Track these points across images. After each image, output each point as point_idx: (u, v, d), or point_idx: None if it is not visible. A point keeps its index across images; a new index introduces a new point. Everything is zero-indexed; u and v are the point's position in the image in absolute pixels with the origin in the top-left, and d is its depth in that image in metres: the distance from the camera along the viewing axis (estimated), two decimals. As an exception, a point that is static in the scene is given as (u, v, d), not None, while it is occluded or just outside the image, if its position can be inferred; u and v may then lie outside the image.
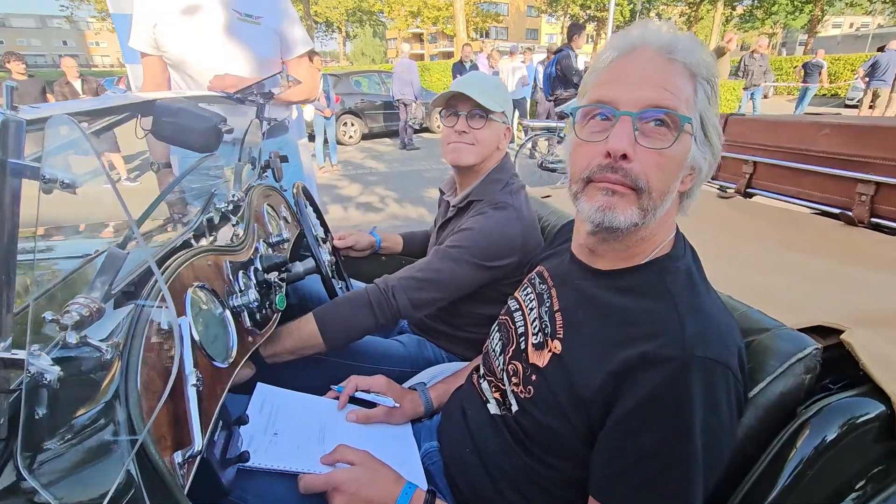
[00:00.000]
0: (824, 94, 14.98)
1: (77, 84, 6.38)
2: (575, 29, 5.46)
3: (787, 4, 28.23)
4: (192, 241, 0.94)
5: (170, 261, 0.76)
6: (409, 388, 1.14)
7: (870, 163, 1.26)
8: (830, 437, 0.66)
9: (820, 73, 10.78)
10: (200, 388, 0.64)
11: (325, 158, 7.59)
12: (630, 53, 0.68)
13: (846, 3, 27.58)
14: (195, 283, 0.79)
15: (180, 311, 0.71)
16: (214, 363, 0.75)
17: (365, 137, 10.32)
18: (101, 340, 0.58)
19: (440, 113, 1.30)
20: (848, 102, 13.49)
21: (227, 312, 0.86)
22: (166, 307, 0.66)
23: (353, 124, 9.98)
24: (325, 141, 7.55)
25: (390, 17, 35.66)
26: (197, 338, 0.73)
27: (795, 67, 13.87)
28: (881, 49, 9.19)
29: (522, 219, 1.23)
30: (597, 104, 0.69)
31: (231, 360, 0.81)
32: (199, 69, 1.78)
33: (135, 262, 0.82)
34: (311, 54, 6.86)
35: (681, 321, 0.65)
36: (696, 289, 0.70)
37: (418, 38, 52.48)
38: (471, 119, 1.21)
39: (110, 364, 0.57)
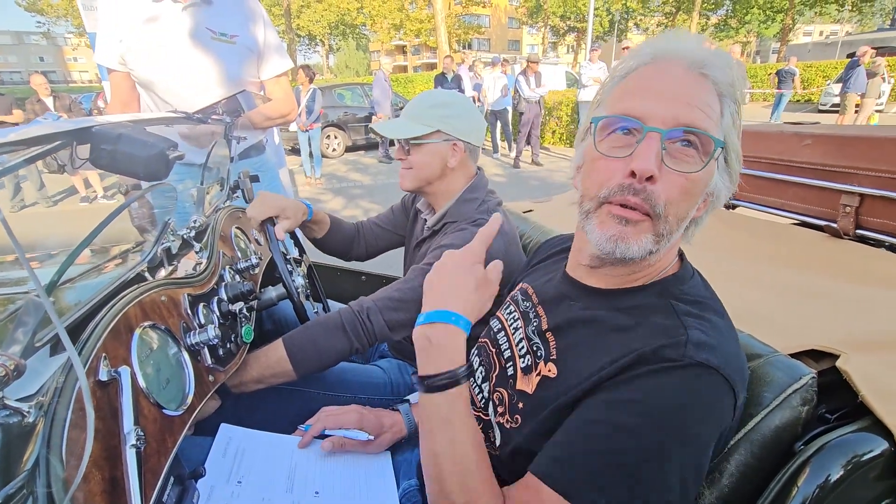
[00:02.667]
0: (798, 101, 15.37)
1: (49, 101, 6.22)
2: None
3: (759, 14, 29.11)
4: (147, 275, 0.88)
5: (114, 300, 0.69)
6: (392, 408, 1.07)
7: (853, 174, 1.24)
8: (834, 478, 0.61)
9: (793, 80, 11.06)
10: (142, 448, 0.57)
11: (311, 170, 7.55)
12: (658, 63, 0.62)
13: (815, 13, 28.53)
14: (145, 323, 0.72)
15: (124, 359, 0.65)
16: (165, 412, 0.68)
17: (348, 150, 10.28)
18: (22, 399, 0.51)
19: None
20: (821, 108, 13.84)
21: (184, 352, 0.79)
22: (106, 358, 0.60)
23: (336, 137, 9.92)
24: (311, 154, 7.50)
25: (373, 30, 35.87)
26: (144, 385, 0.66)
27: (769, 75, 14.20)
28: (852, 56, 9.44)
29: (504, 234, 1.18)
30: (622, 116, 0.62)
31: (186, 406, 0.74)
32: (170, 91, 1.71)
33: (80, 301, 0.76)
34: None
35: (685, 329, 0.60)
36: (706, 311, 0.65)
37: (401, 50, 52.87)
38: (406, 145, 1.22)
39: (33, 428, 0.50)
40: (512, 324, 0.85)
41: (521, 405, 0.74)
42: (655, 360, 0.57)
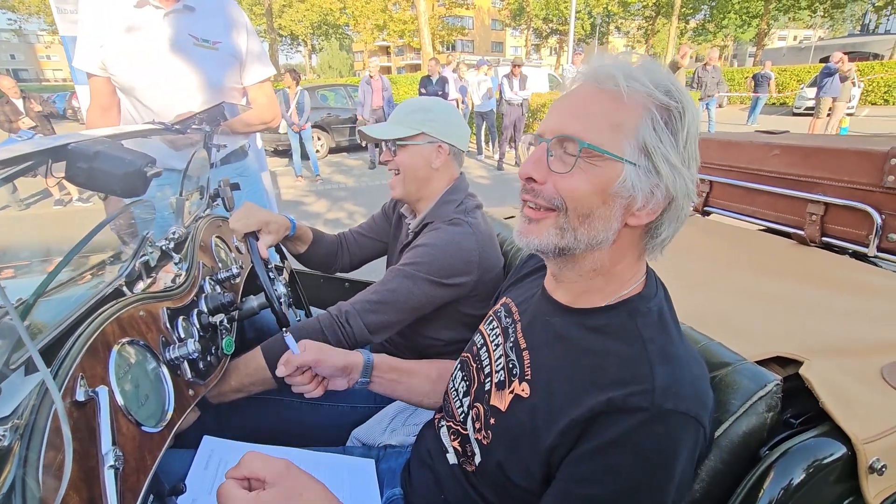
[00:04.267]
0: (773, 104, 15.77)
1: (19, 103, 6.01)
2: None
3: (736, 18, 29.83)
4: (125, 289, 0.87)
5: (91, 317, 0.68)
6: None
7: (818, 183, 1.29)
8: (796, 481, 0.65)
9: (769, 84, 11.36)
10: (120, 468, 0.57)
11: (302, 170, 7.77)
12: (575, 86, 0.69)
13: (789, 18, 29.36)
14: (123, 339, 0.72)
15: (101, 378, 0.64)
16: (144, 429, 0.68)
17: (332, 151, 10.22)
18: (-4, 423, 0.51)
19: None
20: (795, 111, 14.21)
21: (163, 367, 0.79)
22: (83, 378, 0.59)
23: (320, 138, 9.85)
24: (302, 155, 7.67)
25: (356, 30, 35.68)
26: (122, 402, 0.66)
27: (746, 78, 14.55)
28: (825, 60, 9.71)
29: (478, 234, 1.21)
30: (532, 134, 0.71)
31: (166, 422, 0.73)
32: (152, 97, 1.69)
33: (56, 317, 0.75)
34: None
35: (651, 369, 0.62)
36: (669, 332, 0.68)
37: (385, 50, 52.73)
38: (392, 146, 1.24)
39: (8, 451, 0.50)
40: (494, 340, 0.87)
41: (492, 421, 0.75)
42: (626, 410, 0.60)
